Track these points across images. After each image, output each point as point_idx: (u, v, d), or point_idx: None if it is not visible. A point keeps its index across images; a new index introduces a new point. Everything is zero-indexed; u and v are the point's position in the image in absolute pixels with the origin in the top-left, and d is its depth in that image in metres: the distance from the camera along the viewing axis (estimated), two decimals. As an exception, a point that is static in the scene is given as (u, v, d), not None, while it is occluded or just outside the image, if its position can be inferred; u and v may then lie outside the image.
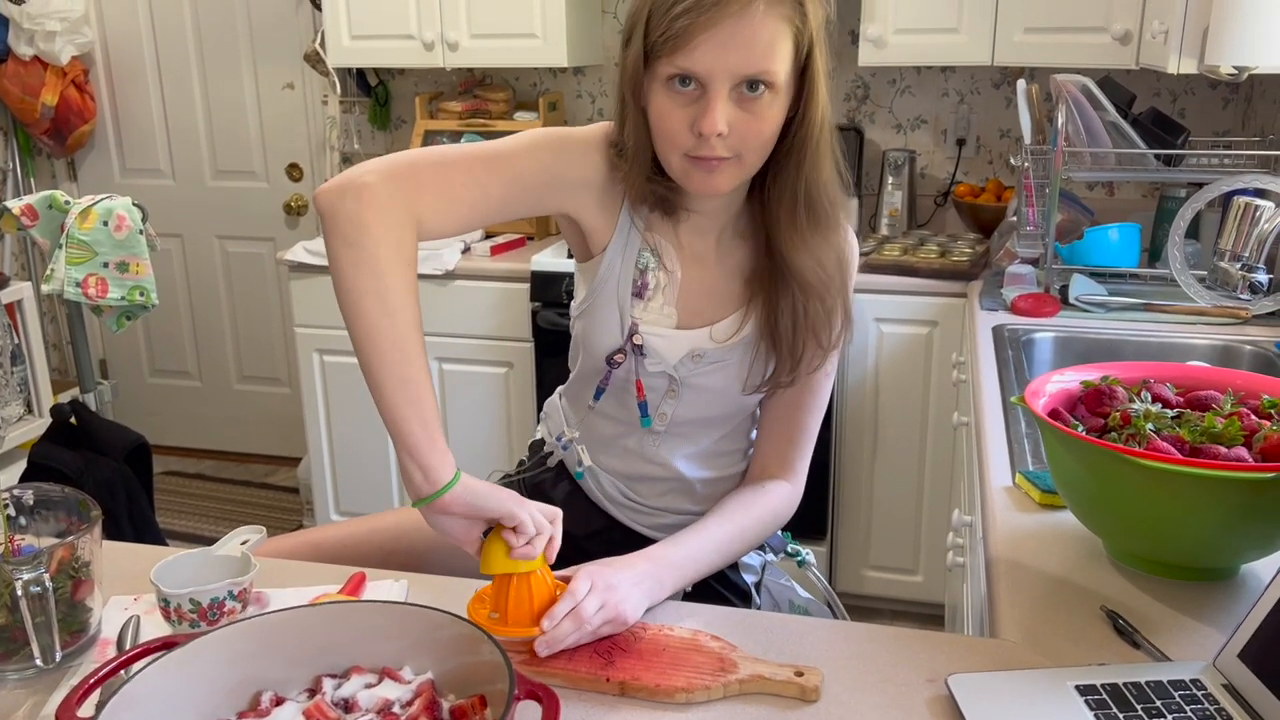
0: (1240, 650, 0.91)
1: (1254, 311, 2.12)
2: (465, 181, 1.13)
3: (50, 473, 2.04)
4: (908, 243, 2.80)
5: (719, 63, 1.07)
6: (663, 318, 1.26)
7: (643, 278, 1.26)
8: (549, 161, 1.19)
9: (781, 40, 1.08)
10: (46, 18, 3.45)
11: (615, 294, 1.25)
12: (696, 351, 1.26)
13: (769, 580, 1.41)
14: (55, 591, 0.97)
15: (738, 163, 1.13)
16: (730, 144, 1.11)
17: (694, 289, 1.27)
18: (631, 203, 1.23)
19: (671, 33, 1.06)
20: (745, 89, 1.09)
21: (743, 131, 1.10)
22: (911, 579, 2.81)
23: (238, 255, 3.83)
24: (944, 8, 2.62)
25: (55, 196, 2.24)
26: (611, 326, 1.26)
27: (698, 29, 1.05)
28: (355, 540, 1.41)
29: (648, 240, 1.25)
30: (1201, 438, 1.05)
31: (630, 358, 1.26)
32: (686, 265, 1.27)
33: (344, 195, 1.05)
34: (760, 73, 1.07)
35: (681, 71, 1.08)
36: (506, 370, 2.88)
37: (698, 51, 1.06)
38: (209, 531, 3.45)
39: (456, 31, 2.95)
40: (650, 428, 1.30)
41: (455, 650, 0.87)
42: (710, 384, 1.28)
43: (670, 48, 1.07)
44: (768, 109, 1.10)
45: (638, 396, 1.28)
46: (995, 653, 1.01)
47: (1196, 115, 2.83)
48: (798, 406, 1.30)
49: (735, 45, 1.06)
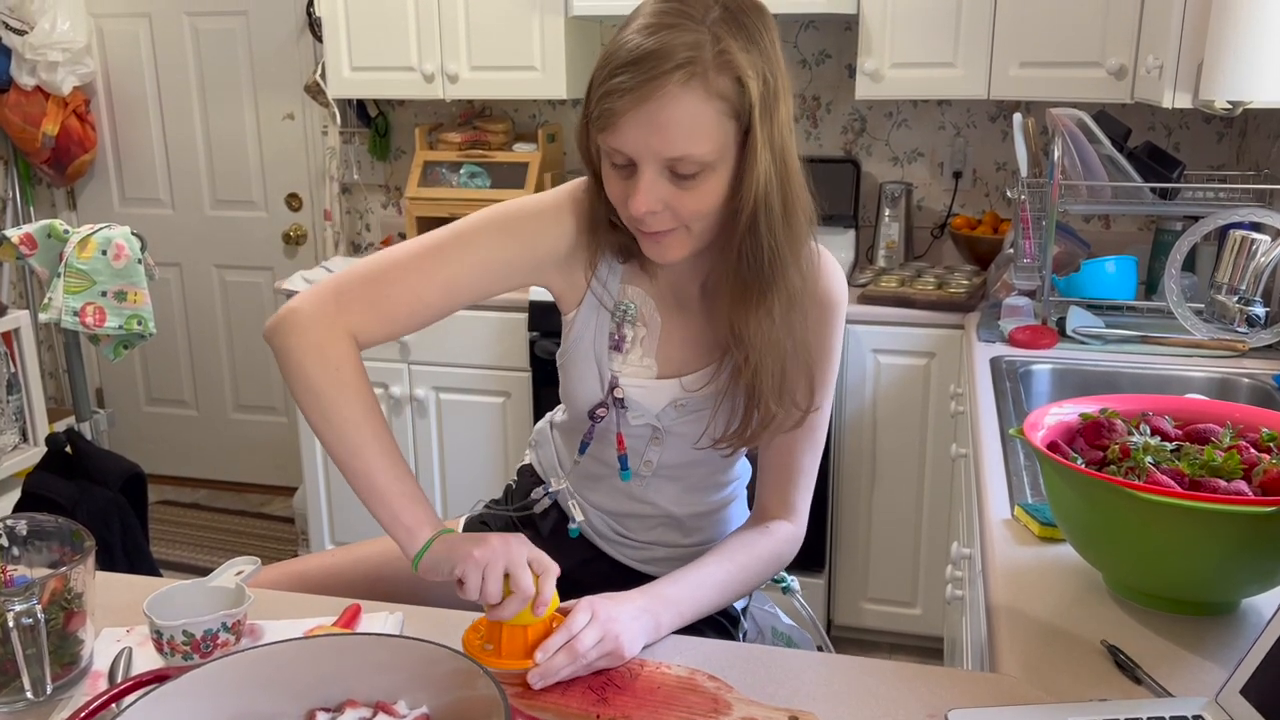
0: (1243, 686, 0.90)
1: (1251, 344, 2.13)
2: (397, 293, 1.16)
3: (44, 502, 2.02)
4: (905, 274, 2.81)
5: (641, 145, 1.05)
6: (642, 369, 1.25)
7: (619, 331, 1.24)
8: (494, 252, 1.19)
9: (706, 121, 1.04)
10: (49, 48, 3.47)
11: (592, 350, 1.25)
12: (679, 401, 1.25)
13: (753, 606, 1.40)
14: (47, 623, 0.96)
15: (685, 232, 1.12)
16: (668, 219, 1.09)
17: (676, 338, 1.26)
18: (603, 254, 1.22)
19: (600, 111, 1.05)
20: (677, 171, 1.06)
21: (678, 208, 1.09)
22: (910, 612, 2.80)
23: (236, 284, 3.84)
24: (940, 42, 2.64)
25: (54, 225, 2.24)
26: (590, 382, 1.25)
27: (621, 111, 1.04)
28: (340, 569, 1.40)
29: (624, 294, 1.24)
30: (1201, 471, 1.05)
31: (612, 410, 1.25)
32: (668, 314, 1.25)
33: (277, 329, 1.14)
34: (683, 156, 1.04)
35: (611, 149, 1.08)
36: (504, 400, 2.88)
37: (622, 132, 1.05)
38: (204, 561, 3.43)
39: (456, 63, 2.97)
40: (629, 481, 1.30)
41: (451, 684, 0.86)
42: (694, 432, 1.26)
43: (600, 125, 1.07)
44: (703, 185, 1.07)
45: (618, 449, 1.27)
46: (996, 688, 1.00)
47: (1191, 149, 2.85)
48: (794, 446, 1.28)
49: (655, 128, 1.03)
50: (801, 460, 1.29)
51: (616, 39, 1.07)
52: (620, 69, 1.03)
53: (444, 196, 3.12)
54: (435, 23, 2.97)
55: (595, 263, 1.23)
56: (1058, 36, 2.51)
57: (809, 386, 1.22)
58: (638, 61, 1.02)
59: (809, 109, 3.11)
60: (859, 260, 3.06)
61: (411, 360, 2.91)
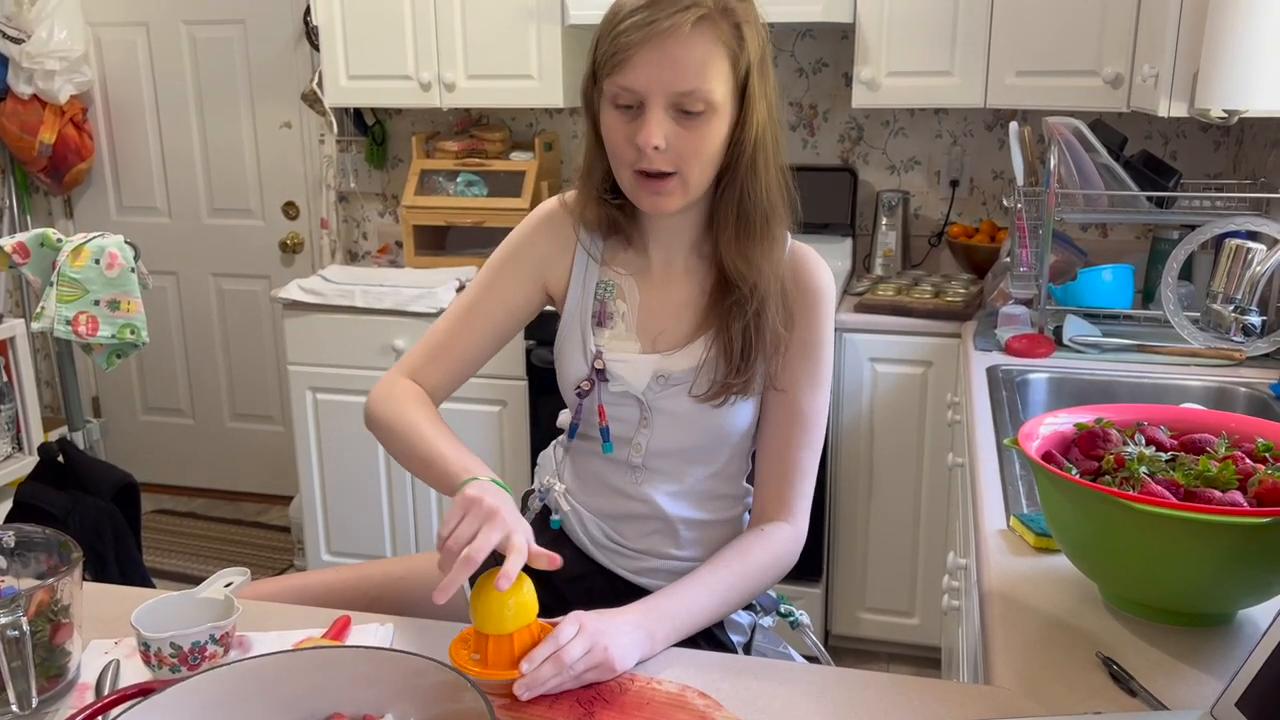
0: (1238, 699, 0.90)
1: (1248, 353, 2.12)
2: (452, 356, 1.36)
3: (36, 512, 2.01)
4: (902, 283, 2.81)
5: (654, 79, 1.13)
6: (626, 344, 1.29)
7: (603, 307, 1.30)
8: (514, 287, 1.34)
9: (715, 61, 1.14)
10: (46, 57, 3.47)
11: (579, 324, 1.31)
12: (660, 373, 1.27)
13: (767, 647, 1.38)
14: (34, 635, 0.95)
15: (682, 182, 1.18)
16: (670, 159, 1.16)
17: (656, 313, 1.30)
18: (587, 231, 1.30)
19: (613, 50, 1.14)
20: (684, 107, 1.14)
21: (680, 148, 1.16)
22: (908, 621, 2.79)
23: (232, 293, 3.83)
24: (937, 51, 2.64)
25: (47, 234, 2.23)
26: (577, 356, 1.31)
27: (635, 47, 1.12)
28: (342, 585, 1.39)
29: (605, 273, 1.31)
30: (1196, 481, 1.04)
31: (596, 385, 1.29)
32: (648, 290, 1.30)
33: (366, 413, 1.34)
34: (693, 90, 1.13)
35: (621, 88, 1.15)
36: (500, 409, 2.87)
37: (635, 69, 1.13)
38: (199, 571, 3.42)
39: (453, 72, 2.98)
40: (612, 454, 1.31)
41: (438, 697, 0.86)
42: (678, 407, 1.27)
43: (611, 66, 1.15)
44: (706, 126, 1.16)
45: (599, 422, 1.29)
46: (990, 700, 0.99)
47: (1187, 158, 2.85)
48: (789, 443, 1.28)
49: (669, 63, 1.12)
50: (799, 458, 1.28)
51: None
52: (635, 10, 1.13)
53: (441, 205, 3.12)
54: (432, 31, 2.97)
55: (583, 236, 1.32)
56: (1054, 45, 2.51)
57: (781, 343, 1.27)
58: (652, 4, 1.12)
59: (806, 118, 3.11)
60: (856, 269, 3.06)
61: (407, 369, 2.90)
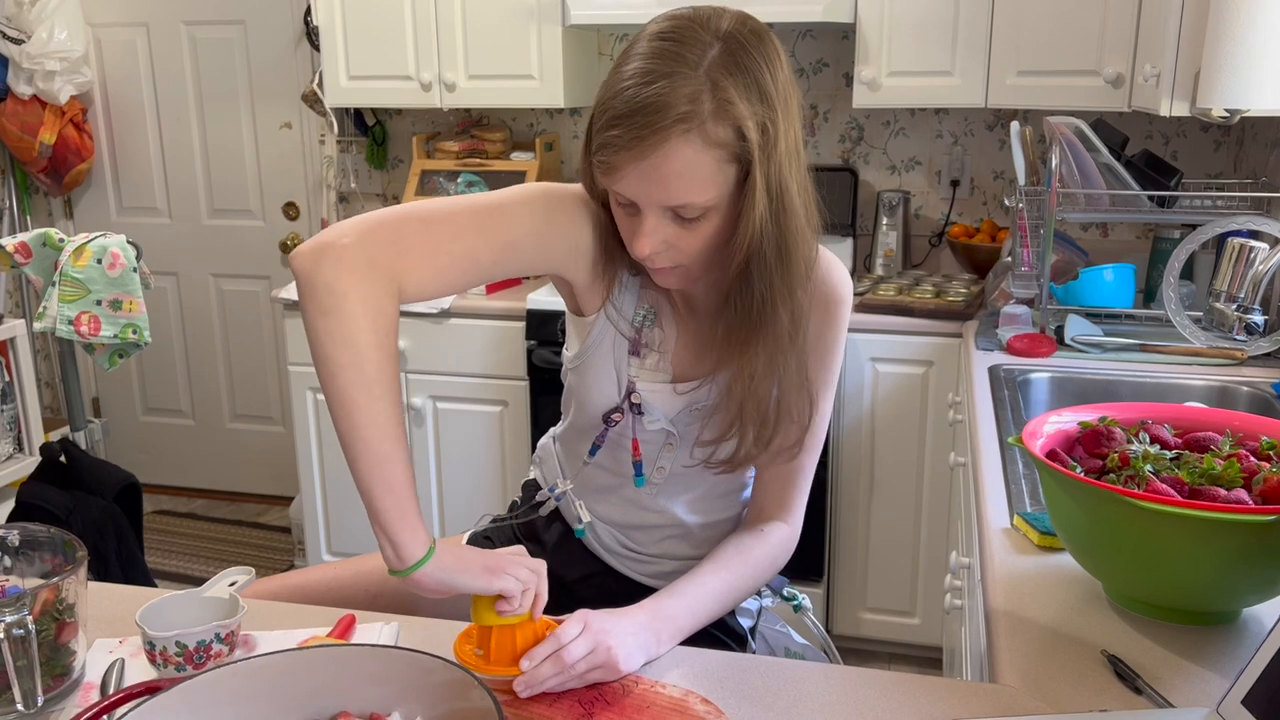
0: (1244, 696, 0.90)
1: (1250, 352, 2.12)
2: (452, 245, 1.07)
3: (39, 512, 2.01)
4: (903, 283, 2.81)
5: (642, 193, 1.06)
6: (659, 374, 1.25)
7: (639, 336, 1.24)
8: (543, 225, 1.14)
9: (706, 169, 1.04)
10: (46, 57, 3.47)
11: (611, 354, 1.24)
12: (694, 405, 1.25)
13: (764, 626, 1.39)
14: (39, 634, 0.95)
15: (686, 271, 1.14)
16: (671, 257, 1.11)
17: (692, 343, 1.25)
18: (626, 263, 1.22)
19: (601, 158, 1.06)
20: (679, 214, 1.07)
21: (680, 247, 1.10)
22: (909, 621, 2.79)
23: (233, 293, 3.83)
24: (937, 51, 2.64)
25: (49, 234, 2.23)
26: (607, 386, 1.24)
27: (621, 160, 1.04)
28: (341, 583, 1.39)
29: (644, 298, 1.24)
30: (1201, 479, 1.04)
31: (628, 415, 1.25)
32: (683, 320, 1.25)
33: (320, 259, 0.99)
34: (683, 205, 1.06)
35: (614, 191, 1.09)
36: (501, 409, 2.87)
37: (623, 180, 1.06)
38: (200, 571, 3.42)
39: (454, 72, 2.97)
40: (643, 487, 1.29)
41: (445, 695, 0.86)
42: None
43: (602, 171, 1.07)
44: (705, 225, 1.09)
45: (633, 456, 1.27)
46: (995, 698, 0.99)
47: (1189, 157, 2.85)
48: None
49: (656, 178, 1.04)
50: (801, 459, 1.28)
51: (614, 76, 1.06)
52: (617, 120, 1.03)
53: (441, 205, 3.11)
54: (433, 32, 2.97)
55: (617, 267, 1.22)
56: (1055, 45, 2.51)
57: (807, 406, 1.22)
58: (634, 114, 1.01)
59: (807, 118, 3.11)
60: (857, 269, 3.06)
61: (408, 369, 2.90)
